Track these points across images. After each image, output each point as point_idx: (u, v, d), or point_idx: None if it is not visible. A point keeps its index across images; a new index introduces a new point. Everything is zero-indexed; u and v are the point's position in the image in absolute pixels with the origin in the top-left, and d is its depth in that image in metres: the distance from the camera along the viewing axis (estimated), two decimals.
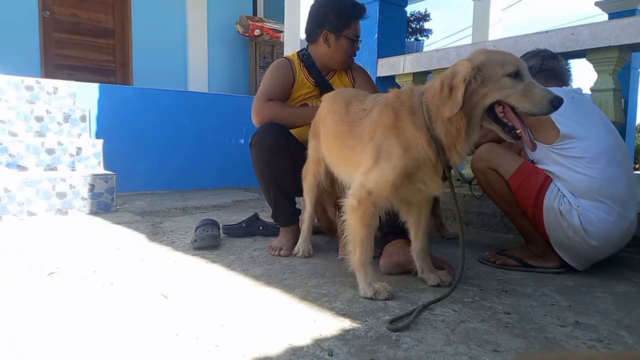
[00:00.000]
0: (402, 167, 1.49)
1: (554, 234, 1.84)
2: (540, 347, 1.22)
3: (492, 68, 1.40)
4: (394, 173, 1.49)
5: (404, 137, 1.49)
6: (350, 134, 1.69)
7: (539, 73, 2.03)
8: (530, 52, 2.14)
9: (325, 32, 2.19)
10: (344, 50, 2.21)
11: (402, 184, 1.51)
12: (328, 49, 2.21)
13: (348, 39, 2.19)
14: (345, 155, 1.74)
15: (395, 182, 1.50)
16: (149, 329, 1.26)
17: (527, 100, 1.39)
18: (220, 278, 1.74)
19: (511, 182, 1.90)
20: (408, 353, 1.16)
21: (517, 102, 1.40)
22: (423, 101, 1.50)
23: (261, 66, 6.70)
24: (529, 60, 2.03)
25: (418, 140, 1.48)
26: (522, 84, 1.40)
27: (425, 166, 1.50)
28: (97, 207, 3.13)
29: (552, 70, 2.04)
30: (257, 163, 2.13)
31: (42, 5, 5.54)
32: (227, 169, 4.79)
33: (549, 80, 2.02)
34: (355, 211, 1.55)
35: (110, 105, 4.09)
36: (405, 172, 1.49)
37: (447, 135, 1.45)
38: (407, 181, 1.52)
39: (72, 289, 1.57)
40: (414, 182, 1.52)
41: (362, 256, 1.56)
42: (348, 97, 1.81)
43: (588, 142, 1.78)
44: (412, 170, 1.50)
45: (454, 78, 1.40)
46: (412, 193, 1.58)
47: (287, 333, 1.25)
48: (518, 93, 1.39)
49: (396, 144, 1.50)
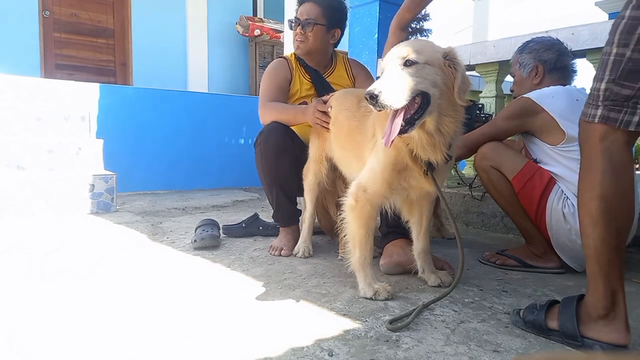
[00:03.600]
0: (387, 159, 1.47)
1: (556, 236, 1.83)
2: (540, 347, 1.22)
3: None
4: (381, 166, 1.48)
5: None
6: (360, 129, 1.68)
7: (554, 70, 1.96)
8: (543, 40, 2.02)
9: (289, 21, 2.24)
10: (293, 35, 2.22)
11: (394, 179, 1.49)
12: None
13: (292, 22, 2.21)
14: (356, 152, 1.72)
15: (385, 176, 1.48)
16: (149, 329, 1.26)
17: None
18: (220, 278, 1.74)
19: (514, 183, 1.89)
20: (408, 353, 1.16)
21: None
22: None
23: (261, 66, 6.70)
24: (543, 53, 1.96)
25: None
26: None
27: (407, 159, 1.47)
28: (97, 207, 3.13)
29: (565, 68, 1.98)
30: (261, 163, 2.13)
31: (42, 5, 5.54)
32: (227, 169, 4.79)
33: (561, 78, 1.96)
34: (353, 210, 1.55)
35: (110, 105, 4.08)
36: (393, 165, 1.47)
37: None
38: (398, 177, 1.49)
39: (72, 289, 1.57)
40: (407, 177, 1.50)
41: (361, 256, 1.56)
42: (360, 95, 1.80)
43: None
44: (400, 165, 1.47)
45: None
46: (407, 189, 1.56)
47: (287, 333, 1.25)
48: None
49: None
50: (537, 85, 1.99)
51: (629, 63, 1.08)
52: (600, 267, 1.15)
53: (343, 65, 2.34)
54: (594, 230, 1.14)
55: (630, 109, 1.09)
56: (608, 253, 1.14)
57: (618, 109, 1.10)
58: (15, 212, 2.84)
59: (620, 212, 1.13)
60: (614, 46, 1.10)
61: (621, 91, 1.09)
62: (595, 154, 1.14)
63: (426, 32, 7.57)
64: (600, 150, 1.13)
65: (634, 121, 1.09)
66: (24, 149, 3.07)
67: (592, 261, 1.17)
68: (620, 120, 1.10)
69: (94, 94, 4.01)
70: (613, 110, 1.11)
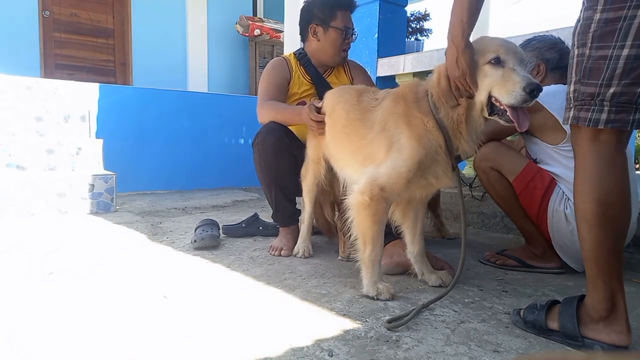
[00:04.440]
0: (416, 158, 1.45)
1: (557, 237, 1.82)
2: (540, 347, 1.22)
3: (476, 58, 1.35)
4: (407, 165, 1.45)
5: (415, 125, 1.47)
6: (362, 122, 1.66)
7: (556, 69, 1.95)
8: (546, 39, 2.01)
9: (313, 25, 2.21)
10: (332, 42, 2.20)
11: (416, 177, 1.47)
12: (318, 42, 2.22)
13: (336, 30, 2.19)
14: (355, 145, 1.69)
15: (409, 175, 1.46)
16: (149, 329, 1.26)
17: (503, 89, 1.31)
18: (220, 278, 1.74)
19: (515, 184, 1.88)
20: (408, 353, 1.15)
21: (497, 92, 1.33)
22: (427, 89, 1.50)
23: (261, 66, 6.70)
24: (546, 52, 1.96)
25: (426, 124, 1.45)
26: (501, 71, 1.32)
27: (438, 156, 1.46)
28: (96, 207, 3.12)
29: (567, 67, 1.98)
30: (259, 163, 2.13)
31: (42, 5, 5.54)
32: (227, 169, 4.79)
33: (562, 77, 1.95)
34: (366, 208, 1.50)
35: (110, 105, 4.08)
36: (420, 164, 1.45)
37: (450, 120, 1.43)
38: (420, 174, 1.48)
39: (72, 289, 1.57)
40: (427, 175, 1.49)
41: (372, 253, 1.53)
42: (360, 89, 1.80)
43: None
44: (428, 162, 1.46)
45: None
46: (421, 187, 1.55)
47: (287, 333, 1.25)
48: (497, 82, 1.32)
49: (407, 134, 1.47)
50: None
51: (589, 61, 1.10)
52: (598, 269, 1.15)
53: (342, 65, 2.35)
54: (590, 233, 1.14)
55: (597, 107, 1.10)
56: (606, 255, 1.14)
57: (586, 108, 1.11)
58: (15, 212, 2.84)
59: (616, 215, 1.13)
60: (575, 48, 1.15)
61: (586, 90, 1.11)
62: (586, 157, 1.14)
63: (426, 32, 7.57)
64: (589, 152, 1.13)
65: (602, 119, 1.09)
66: (24, 149, 3.07)
67: (590, 263, 1.17)
68: (589, 119, 1.11)
69: (93, 93, 4.01)
70: (582, 110, 1.12)
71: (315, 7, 2.20)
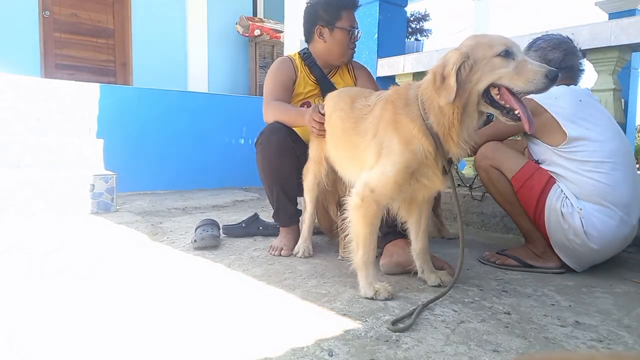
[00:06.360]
0: (403, 163, 1.47)
1: (554, 235, 1.83)
2: (540, 347, 1.22)
3: (481, 51, 1.38)
4: (395, 169, 1.48)
5: (402, 131, 1.49)
6: (356, 130, 1.69)
7: (559, 70, 1.96)
8: (551, 38, 1.99)
9: (319, 27, 2.20)
10: (339, 42, 2.20)
11: (406, 181, 1.50)
12: (324, 43, 2.22)
13: (342, 30, 2.19)
14: (351, 153, 1.73)
15: (398, 179, 1.48)
16: (149, 329, 1.26)
17: (521, 78, 1.34)
18: (220, 278, 1.74)
19: (514, 182, 1.89)
20: (408, 353, 1.16)
21: (510, 81, 1.36)
22: (418, 94, 1.50)
23: (261, 66, 6.70)
24: (549, 52, 1.94)
25: (413, 131, 1.47)
26: (514, 62, 1.36)
27: (426, 160, 1.48)
28: (97, 207, 3.13)
29: (571, 68, 1.95)
30: (262, 163, 2.13)
31: (42, 6, 5.54)
32: (227, 169, 4.79)
33: (566, 78, 1.93)
34: (358, 210, 1.54)
35: (110, 105, 4.08)
36: (407, 168, 1.48)
37: (440, 125, 1.44)
38: (410, 178, 1.50)
39: (72, 289, 1.57)
40: (418, 177, 1.51)
41: (364, 255, 1.55)
42: (353, 94, 1.81)
43: (594, 146, 1.76)
44: (415, 166, 1.48)
45: (444, 67, 1.39)
46: (416, 189, 1.56)
47: (287, 333, 1.25)
48: (510, 72, 1.35)
49: (396, 139, 1.50)
50: None
51: None
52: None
53: (346, 65, 2.35)
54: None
55: None
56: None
57: None
58: (15, 212, 2.84)
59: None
60: None
61: None
62: None
63: (426, 32, 7.57)
64: None
65: None
66: (24, 149, 3.07)
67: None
68: None
69: (94, 94, 4.01)
70: None
71: (319, 8, 2.19)
